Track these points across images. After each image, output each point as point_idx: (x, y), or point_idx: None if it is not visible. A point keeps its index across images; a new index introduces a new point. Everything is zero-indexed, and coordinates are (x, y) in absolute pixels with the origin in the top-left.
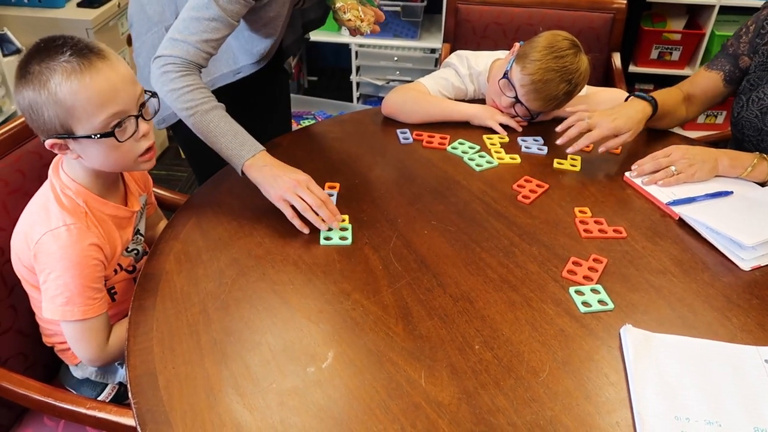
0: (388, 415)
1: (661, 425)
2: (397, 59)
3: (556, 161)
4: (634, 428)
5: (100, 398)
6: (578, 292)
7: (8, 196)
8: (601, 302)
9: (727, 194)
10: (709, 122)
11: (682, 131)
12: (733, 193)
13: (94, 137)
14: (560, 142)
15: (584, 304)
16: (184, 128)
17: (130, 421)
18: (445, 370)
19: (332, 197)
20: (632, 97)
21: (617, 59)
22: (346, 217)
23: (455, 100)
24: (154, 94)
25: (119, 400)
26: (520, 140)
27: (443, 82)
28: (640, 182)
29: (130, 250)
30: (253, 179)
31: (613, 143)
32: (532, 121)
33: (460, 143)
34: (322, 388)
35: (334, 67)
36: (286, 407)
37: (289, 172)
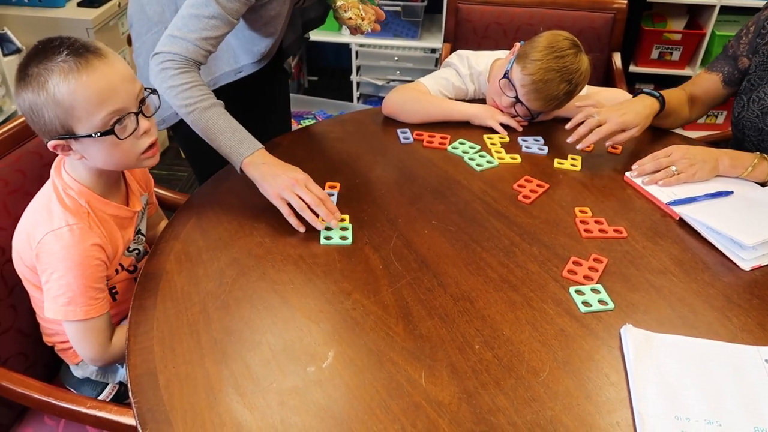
0: (388, 414)
1: (661, 425)
2: (397, 59)
3: (556, 161)
4: (634, 428)
5: (100, 398)
6: (578, 291)
7: (8, 195)
8: (601, 302)
9: (727, 194)
10: (709, 122)
11: (682, 131)
12: (733, 193)
13: (94, 136)
14: (571, 140)
15: (584, 303)
16: (184, 128)
17: (130, 420)
18: (445, 369)
19: (332, 197)
20: (641, 93)
21: (618, 59)
22: (346, 216)
23: (456, 99)
24: (154, 91)
25: (120, 399)
26: (520, 140)
27: (444, 81)
28: (640, 182)
29: (131, 249)
30: (251, 177)
31: (620, 138)
32: (532, 120)
33: (460, 143)
34: (322, 387)
35: (334, 66)
36: (286, 407)
37: (287, 170)
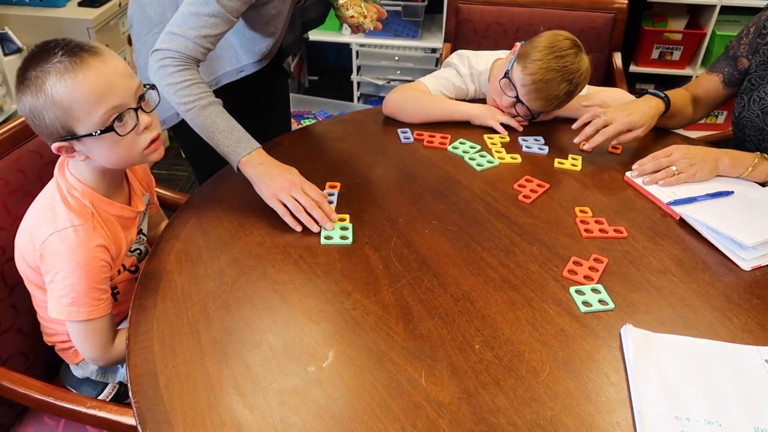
0: (388, 414)
1: (661, 425)
2: (397, 59)
3: (557, 161)
4: (634, 428)
5: (100, 397)
6: (579, 291)
7: (9, 195)
8: (601, 302)
9: (727, 194)
10: (709, 122)
11: (682, 131)
12: (733, 193)
13: (95, 134)
14: (577, 140)
15: (585, 303)
16: (184, 128)
17: (130, 420)
18: (445, 369)
19: (333, 197)
20: (646, 93)
21: (618, 59)
22: (346, 216)
23: (456, 99)
24: (153, 86)
25: (120, 399)
26: (520, 140)
27: (444, 81)
28: (640, 182)
29: (133, 250)
30: (248, 176)
31: (626, 138)
32: (533, 120)
33: (461, 143)
34: (322, 387)
35: (334, 66)
36: (286, 406)
37: (284, 172)
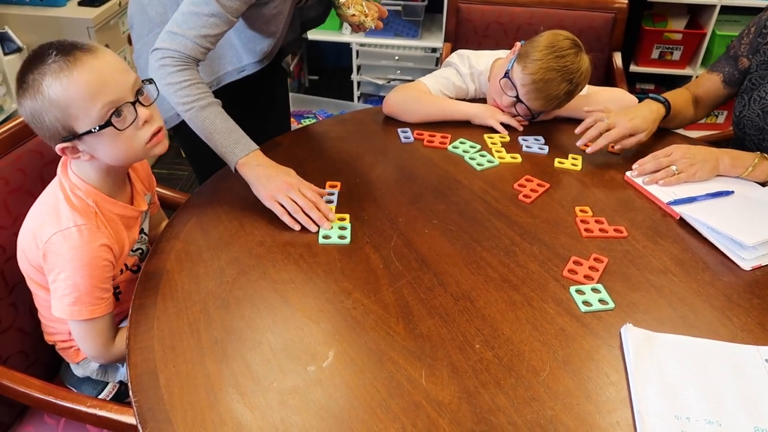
0: (388, 414)
1: (661, 425)
2: (398, 58)
3: (557, 160)
4: (634, 428)
5: (100, 396)
6: (579, 291)
7: (9, 195)
8: (601, 301)
9: (727, 194)
10: (710, 122)
11: (683, 131)
12: (733, 192)
13: (94, 131)
14: (580, 143)
15: (585, 303)
16: (184, 127)
17: (130, 419)
18: (445, 369)
19: (333, 196)
20: (647, 98)
21: (618, 59)
22: (346, 216)
23: (456, 99)
24: (151, 80)
25: (120, 398)
26: (521, 139)
27: (444, 81)
28: (641, 182)
29: (135, 249)
30: (245, 177)
31: (629, 142)
32: (533, 120)
33: (461, 142)
34: (322, 387)
35: (335, 66)
36: (286, 406)
37: (281, 173)
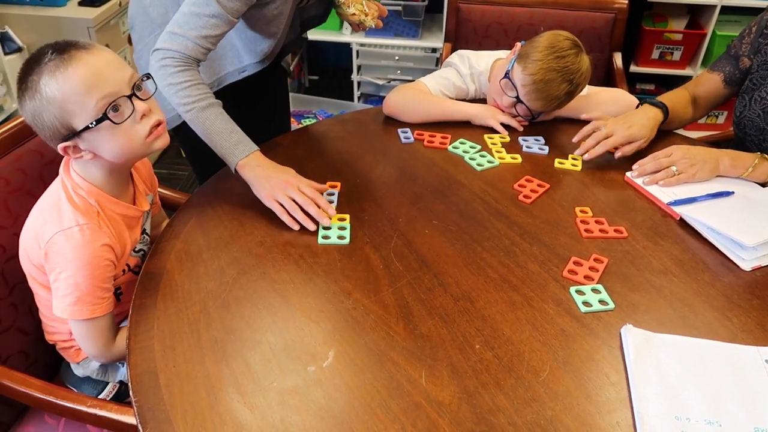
0: (388, 414)
1: (661, 425)
2: (398, 58)
3: (557, 161)
4: (634, 428)
5: (101, 396)
6: (579, 291)
7: (9, 194)
8: (601, 302)
9: (728, 194)
10: (710, 122)
11: (683, 131)
12: (734, 193)
13: (91, 126)
14: (578, 152)
15: (585, 303)
16: (184, 127)
17: (130, 419)
18: (445, 369)
19: (333, 197)
20: (645, 104)
21: (618, 59)
22: (346, 216)
23: (456, 99)
24: (148, 75)
25: (120, 398)
26: (521, 140)
27: (444, 81)
28: (641, 182)
29: (137, 250)
30: (245, 178)
31: (628, 149)
32: (533, 120)
33: (461, 143)
34: (322, 387)
35: (335, 66)
36: (286, 406)
37: (280, 173)
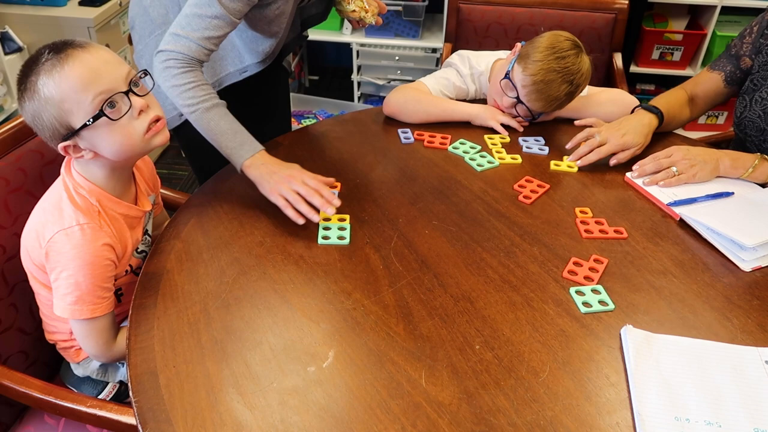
0: (388, 414)
1: (661, 426)
2: (398, 59)
3: (552, 163)
4: (634, 429)
5: (100, 396)
6: (579, 292)
7: (9, 194)
8: (601, 302)
9: (728, 195)
10: (710, 123)
11: (683, 132)
12: (734, 194)
13: (89, 123)
14: (571, 159)
15: (585, 304)
16: (184, 127)
17: (130, 419)
18: (445, 370)
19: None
20: (639, 108)
21: (619, 59)
22: (346, 216)
23: (456, 100)
24: (146, 72)
25: (120, 398)
26: (521, 140)
27: (444, 81)
28: (641, 183)
29: (139, 251)
30: (251, 178)
31: (623, 156)
32: (533, 121)
33: (461, 143)
34: (322, 387)
35: (335, 66)
36: (286, 406)
37: (284, 168)
